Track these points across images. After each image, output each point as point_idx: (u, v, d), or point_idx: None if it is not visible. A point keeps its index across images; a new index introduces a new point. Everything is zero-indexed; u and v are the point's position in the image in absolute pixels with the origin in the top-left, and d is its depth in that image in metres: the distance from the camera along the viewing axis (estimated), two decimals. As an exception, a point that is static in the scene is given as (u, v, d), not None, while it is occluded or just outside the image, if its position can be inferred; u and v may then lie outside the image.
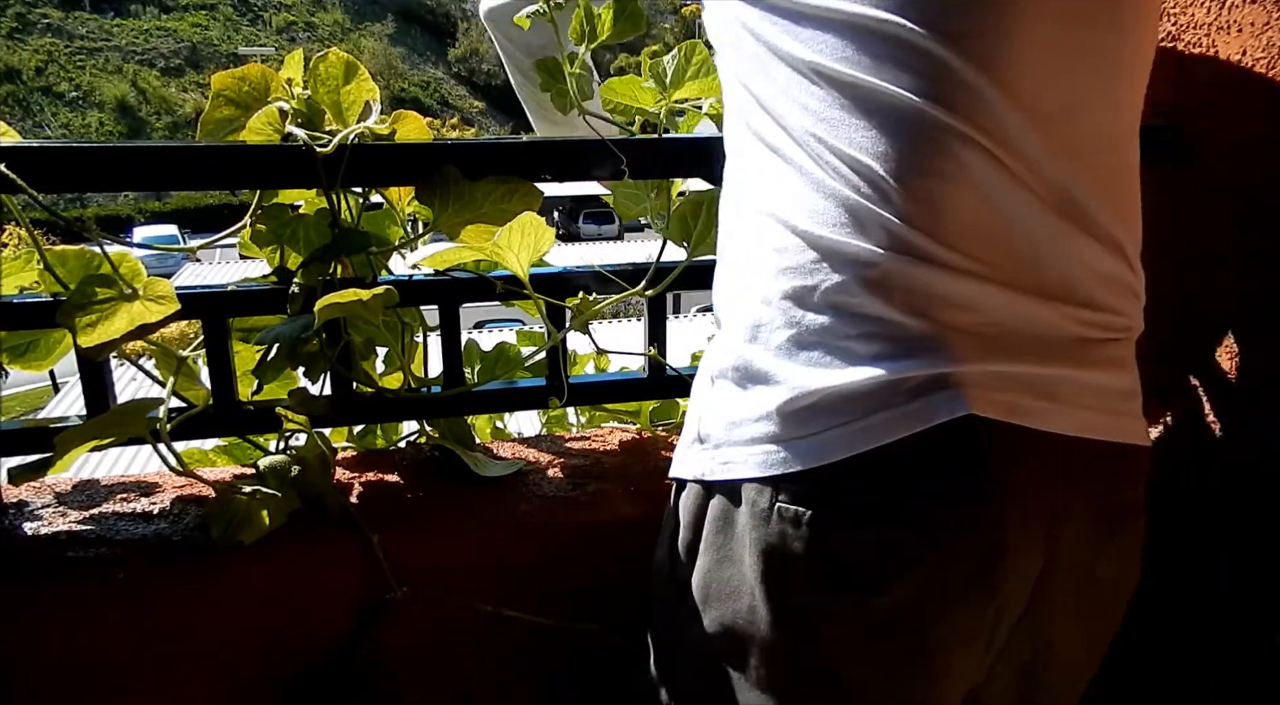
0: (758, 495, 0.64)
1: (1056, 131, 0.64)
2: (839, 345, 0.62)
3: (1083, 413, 0.65)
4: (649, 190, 1.13)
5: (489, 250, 0.92)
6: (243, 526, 0.89)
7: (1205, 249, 1.00)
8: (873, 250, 0.61)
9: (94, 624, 0.90)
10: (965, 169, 0.61)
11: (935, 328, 0.61)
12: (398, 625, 0.97)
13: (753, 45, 0.68)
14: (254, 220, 0.98)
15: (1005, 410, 0.61)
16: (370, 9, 47.64)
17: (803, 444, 0.62)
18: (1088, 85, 0.65)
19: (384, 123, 0.95)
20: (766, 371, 0.64)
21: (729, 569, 0.67)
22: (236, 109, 0.95)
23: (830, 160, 0.62)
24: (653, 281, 1.05)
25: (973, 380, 0.61)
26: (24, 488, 1.01)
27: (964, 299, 0.61)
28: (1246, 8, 0.92)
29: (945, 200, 0.61)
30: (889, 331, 0.61)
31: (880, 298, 0.61)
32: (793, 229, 0.64)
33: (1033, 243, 0.63)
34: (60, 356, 0.99)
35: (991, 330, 0.62)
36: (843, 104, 0.62)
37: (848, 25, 0.62)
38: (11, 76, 34.17)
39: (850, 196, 0.62)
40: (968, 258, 0.61)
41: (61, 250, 0.91)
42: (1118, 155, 0.69)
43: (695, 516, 0.71)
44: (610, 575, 1.02)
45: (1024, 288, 0.62)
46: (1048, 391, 0.63)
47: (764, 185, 0.67)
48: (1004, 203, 0.62)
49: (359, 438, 1.18)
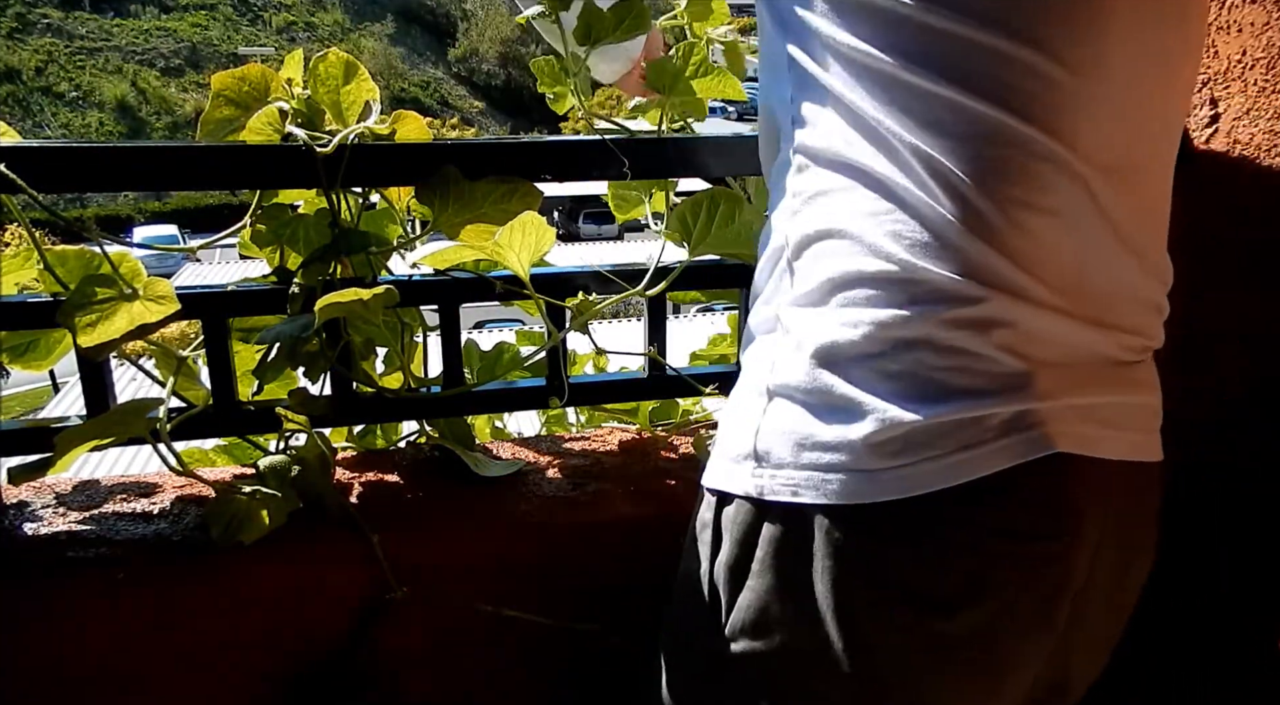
0: (833, 525, 0.62)
1: (1129, 162, 0.63)
2: (928, 377, 0.60)
3: (1131, 435, 0.66)
4: (648, 190, 1.13)
5: (490, 249, 0.92)
6: (243, 526, 0.89)
7: (1206, 249, 1.00)
8: (970, 284, 0.59)
9: (94, 624, 0.90)
10: (1062, 200, 0.60)
11: (1027, 364, 0.60)
12: (398, 625, 0.97)
13: (843, 55, 0.63)
14: (254, 220, 0.98)
15: (1082, 443, 0.62)
16: (370, 9, 47.63)
17: (888, 475, 0.60)
18: (1155, 114, 0.65)
19: (384, 123, 0.95)
20: (850, 398, 0.62)
21: (795, 594, 0.64)
22: (236, 109, 0.95)
23: (932, 182, 0.60)
24: (653, 281, 1.05)
25: (1055, 415, 0.61)
26: (24, 488, 1.01)
27: (1050, 334, 0.61)
28: (1246, 8, 0.92)
29: (1040, 232, 0.60)
30: (983, 366, 0.60)
31: (977, 334, 0.60)
32: (884, 255, 0.61)
33: (1104, 276, 0.63)
34: (60, 356, 0.99)
35: (1067, 362, 0.63)
36: (943, 123, 0.60)
37: (949, 37, 0.59)
38: (11, 76, 34.16)
39: (949, 222, 0.59)
40: (1054, 292, 0.61)
41: (61, 250, 0.91)
42: (1164, 177, 0.69)
43: (745, 534, 0.67)
44: (610, 575, 1.02)
45: (1090, 319, 0.63)
46: (1110, 419, 0.64)
47: (849, 202, 0.63)
48: (1089, 237, 0.61)
49: (359, 438, 1.18)
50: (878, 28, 0.61)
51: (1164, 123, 0.68)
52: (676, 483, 1.08)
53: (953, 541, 0.61)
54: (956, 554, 0.61)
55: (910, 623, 0.62)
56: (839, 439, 0.62)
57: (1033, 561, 0.62)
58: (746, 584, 0.67)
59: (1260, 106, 0.92)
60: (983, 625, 0.62)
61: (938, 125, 0.60)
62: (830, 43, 0.64)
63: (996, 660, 0.64)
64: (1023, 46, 0.59)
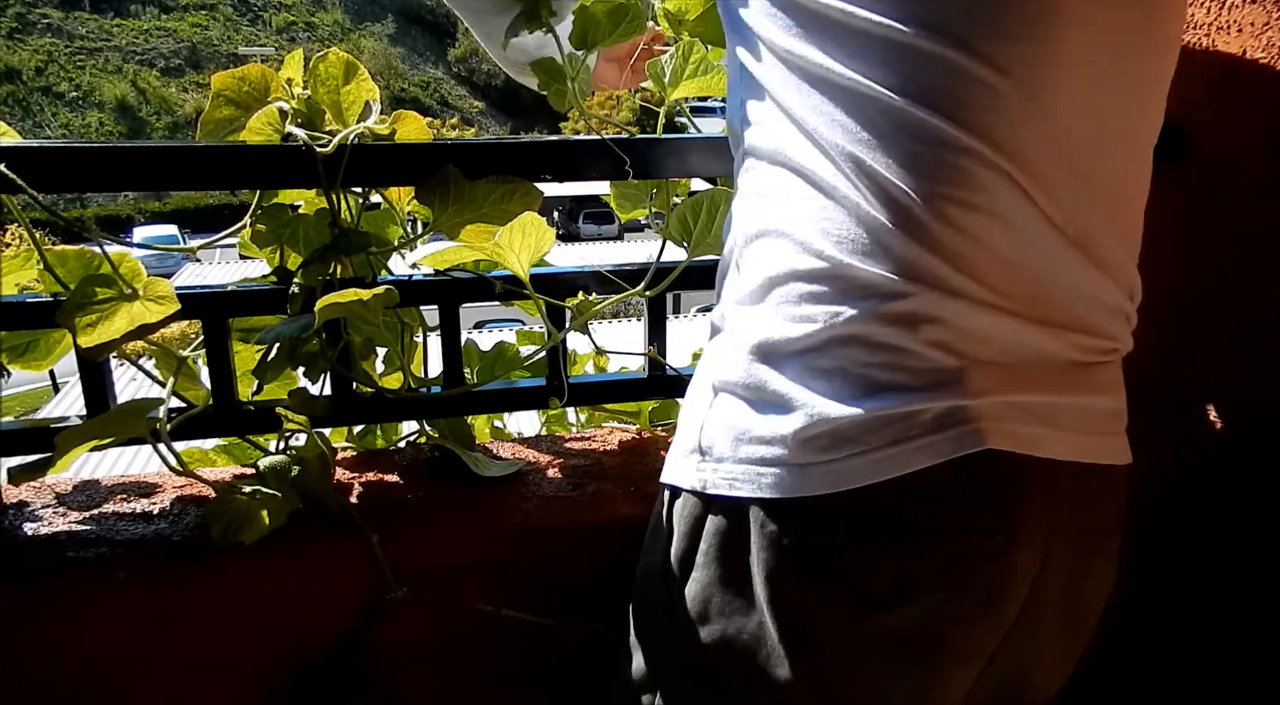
0: (768, 518, 0.64)
1: (1082, 160, 0.63)
2: (859, 373, 0.61)
3: (1079, 437, 0.65)
4: (649, 190, 1.13)
5: (490, 250, 0.92)
6: (243, 526, 0.89)
7: (1205, 250, 1.00)
8: (900, 282, 0.60)
9: (94, 624, 0.90)
10: (994, 200, 0.60)
11: (958, 361, 0.61)
12: (398, 625, 0.97)
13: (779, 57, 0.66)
14: (254, 220, 0.98)
15: (1017, 441, 0.62)
16: (370, 9, 47.63)
17: (818, 470, 0.62)
18: (1117, 112, 0.65)
19: (384, 123, 0.95)
20: (782, 394, 0.63)
21: (733, 586, 0.66)
22: (236, 109, 0.95)
23: (862, 183, 0.61)
24: (653, 281, 1.05)
25: (989, 412, 0.61)
26: (24, 488, 1.01)
27: (985, 332, 0.62)
28: (1246, 8, 0.92)
29: (974, 231, 0.60)
30: (912, 363, 0.61)
31: (906, 330, 0.60)
32: (816, 253, 0.62)
33: (1045, 274, 0.63)
34: (60, 356, 0.99)
35: (1005, 360, 0.63)
36: (875, 124, 0.61)
37: (882, 41, 0.60)
38: (11, 76, 34.17)
39: (880, 222, 0.60)
40: (990, 290, 0.61)
41: (61, 250, 0.91)
42: (1132, 183, 0.69)
43: (691, 527, 0.70)
44: (610, 575, 1.02)
45: (1033, 317, 0.63)
46: (1051, 418, 0.64)
47: (786, 202, 0.65)
48: (1026, 235, 0.62)
49: (359, 438, 1.19)
50: (810, 30, 0.63)
51: (1129, 123, 0.67)
52: (676, 483, 1.08)
53: (881, 536, 0.62)
54: (886, 549, 0.62)
55: (844, 615, 0.63)
56: (773, 433, 0.63)
57: (969, 557, 0.63)
58: (692, 576, 0.70)
59: (1260, 106, 0.92)
60: (919, 619, 0.63)
61: (869, 126, 0.61)
62: (768, 44, 0.65)
63: (936, 654, 0.65)
64: (950, 48, 0.59)
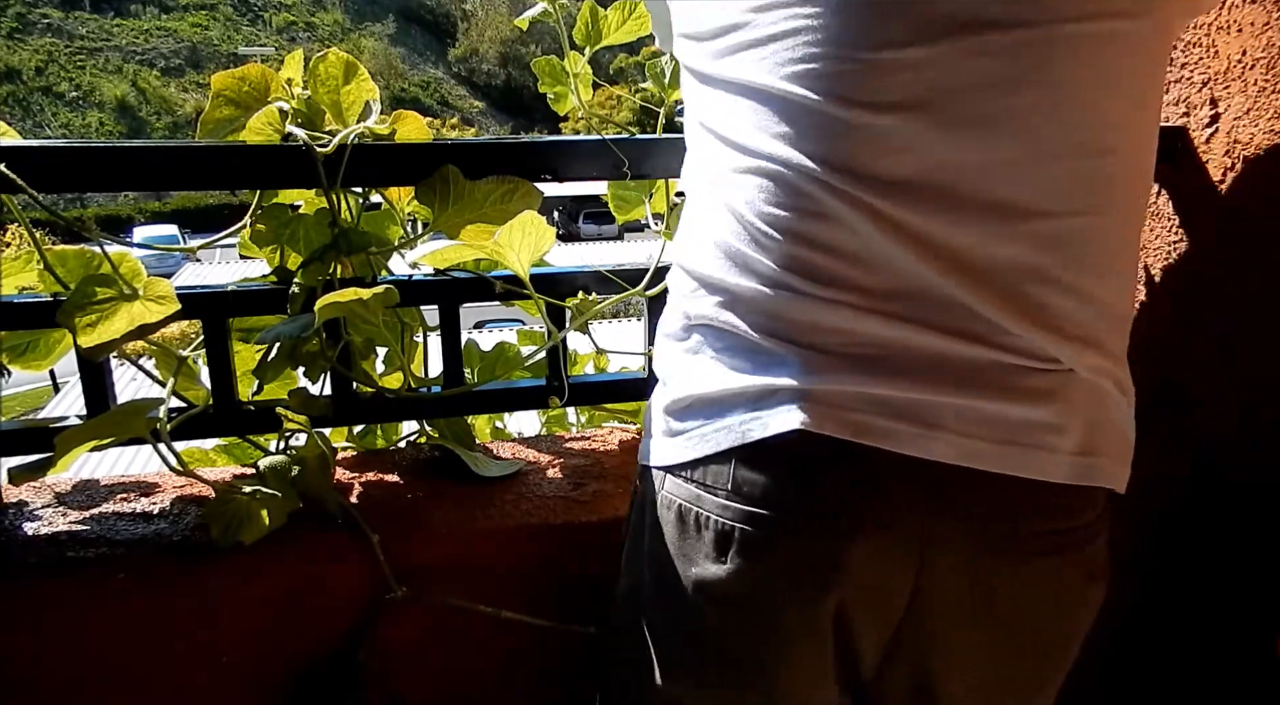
0: (654, 481, 0.73)
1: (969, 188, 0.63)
2: (712, 357, 0.69)
3: (968, 442, 0.64)
4: (646, 191, 1.13)
5: (490, 249, 0.92)
6: (243, 526, 0.89)
7: (1205, 252, 1.00)
8: (740, 283, 0.67)
9: (94, 624, 0.90)
10: (841, 220, 0.64)
11: (788, 347, 0.65)
12: (398, 625, 0.97)
13: (691, 91, 0.76)
14: (254, 220, 0.98)
15: (852, 429, 0.64)
16: (370, 9, 47.63)
17: (676, 441, 0.71)
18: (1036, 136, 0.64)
19: (384, 123, 0.95)
20: (666, 373, 0.74)
21: (637, 543, 0.76)
22: (236, 109, 0.95)
23: (720, 209, 0.69)
24: (653, 281, 1.05)
25: (822, 397, 0.64)
26: (24, 488, 1.01)
27: (832, 324, 0.65)
28: (1246, 8, 0.92)
29: (819, 242, 0.65)
30: (746, 346, 0.67)
31: (741, 317, 0.68)
32: (687, 269, 0.72)
33: (915, 281, 0.64)
34: (60, 356, 0.99)
35: (869, 352, 0.64)
36: (734, 159, 0.68)
37: (749, 90, 0.67)
38: (11, 76, 34.17)
39: (733, 245, 0.68)
40: (840, 290, 0.64)
41: (61, 250, 0.91)
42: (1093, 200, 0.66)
43: (632, 496, 0.80)
44: (610, 575, 1.02)
45: (900, 316, 0.64)
46: (926, 417, 0.64)
47: (685, 222, 0.76)
48: (882, 246, 0.64)
49: (359, 438, 1.19)
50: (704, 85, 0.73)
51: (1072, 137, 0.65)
52: (676, 483, 1.08)
53: (714, 503, 0.68)
54: (717, 513, 0.68)
55: (687, 566, 0.70)
56: (659, 408, 0.74)
57: (793, 534, 0.66)
58: (628, 535, 0.81)
59: (1260, 106, 0.92)
60: (741, 578, 0.67)
61: (727, 160, 0.69)
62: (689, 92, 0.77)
63: (760, 620, 0.69)
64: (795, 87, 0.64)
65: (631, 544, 0.79)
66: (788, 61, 0.65)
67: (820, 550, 0.65)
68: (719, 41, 0.69)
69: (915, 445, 0.64)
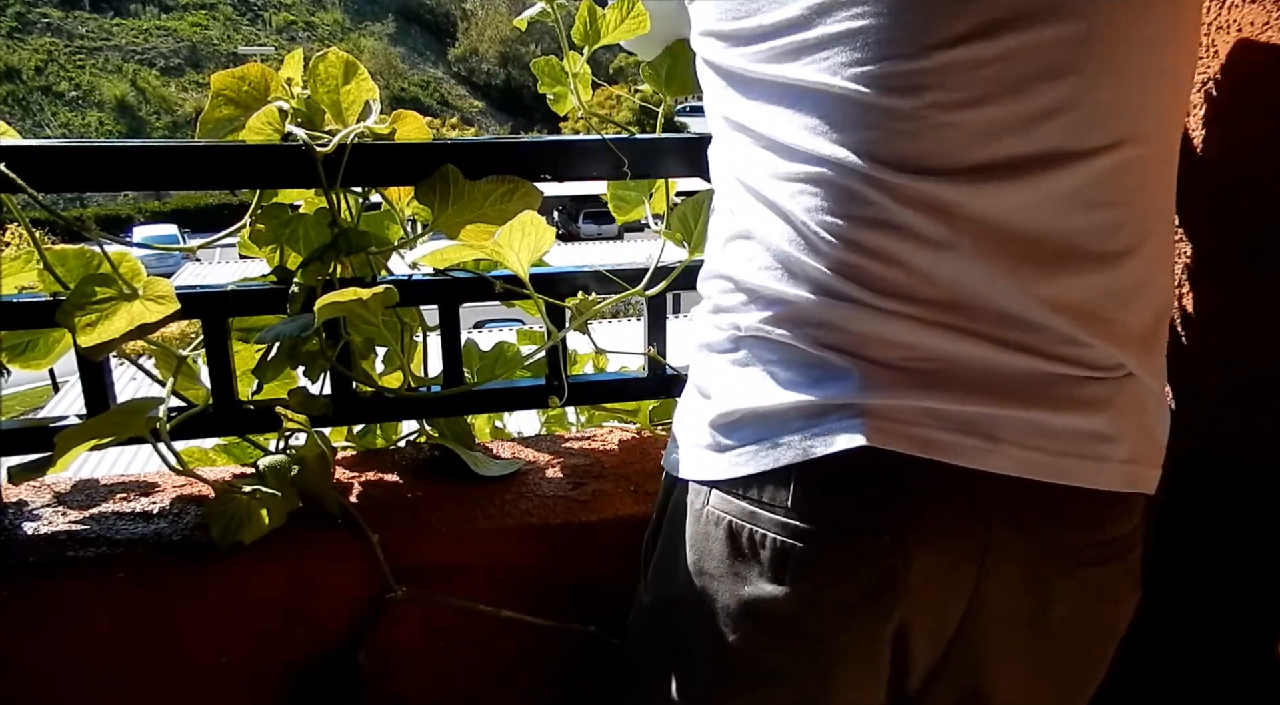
0: (694, 495, 0.71)
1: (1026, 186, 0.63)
2: (764, 370, 0.67)
3: (1027, 454, 0.64)
4: (645, 191, 1.13)
5: (490, 249, 0.92)
6: (243, 526, 0.89)
7: (1207, 251, 1.00)
8: (798, 293, 0.65)
9: (93, 623, 0.90)
10: (904, 226, 0.63)
11: (850, 361, 0.64)
12: (398, 625, 0.97)
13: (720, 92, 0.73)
14: (254, 220, 0.98)
15: (918, 445, 0.63)
16: (370, 9, 47.63)
17: (725, 456, 0.68)
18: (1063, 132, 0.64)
19: (383, 122, 0.95)
20: (709, 386, 0.72)
21: (672, 557, 0.74)
22: (236, 108, 0.95)
23: (768, 216, 0.67)
24: (652, 281, 1.05)
25: (886, 413, 0.63)
26: (24, 487, 1.01)
27: (892, 336, 0.64)
28: (1246, 8, 0.92)
29: (879, 250, 0.63)
30: (802, 359, 0.65)
31: (796, 329, 0.66)
32: (734, 279, 0.70)
33: (976, 289, 0.63)
34: (59, 356, 0.99)
35: (929, 366, 0.64)
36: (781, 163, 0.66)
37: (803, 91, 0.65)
38: (11, 76, 34.16)
39: (786, 252, 0.66)
40: (900, 302, 0.63)
41: (61, 249, 0.91)
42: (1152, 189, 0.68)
43: (660, 505, 0.78)
44: (610, 575, 1.02)
45: (958, 327, 0.63)
46: (987, 431, 0.64)
47: (721, 228, 0.74)
48: (944, 258, 0.63)
49: (359, 438, 1.18)
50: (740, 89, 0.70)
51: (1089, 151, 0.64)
52: (676, 482, 1.08)
53: (768, 520, 0.66)
54: (772, 530, 0.66)
55: (738, 586, 0.68)
56: (702, 422, 0.71)
57: (851, 552, 0.65)
58: (655, 550, 0.78)
59: (1260, 106, 0.92)
60: (797, 597, 0.66)
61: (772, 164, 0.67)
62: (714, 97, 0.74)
63: (814, 633, 0.67)
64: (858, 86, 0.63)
65: (662, 557, 0.76)
66: (852, 62, 0.63)
67: (886, 569, 0.64)
68: (769, 43, 0.67)
69: (977, 459, 0.63)
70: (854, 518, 0.64)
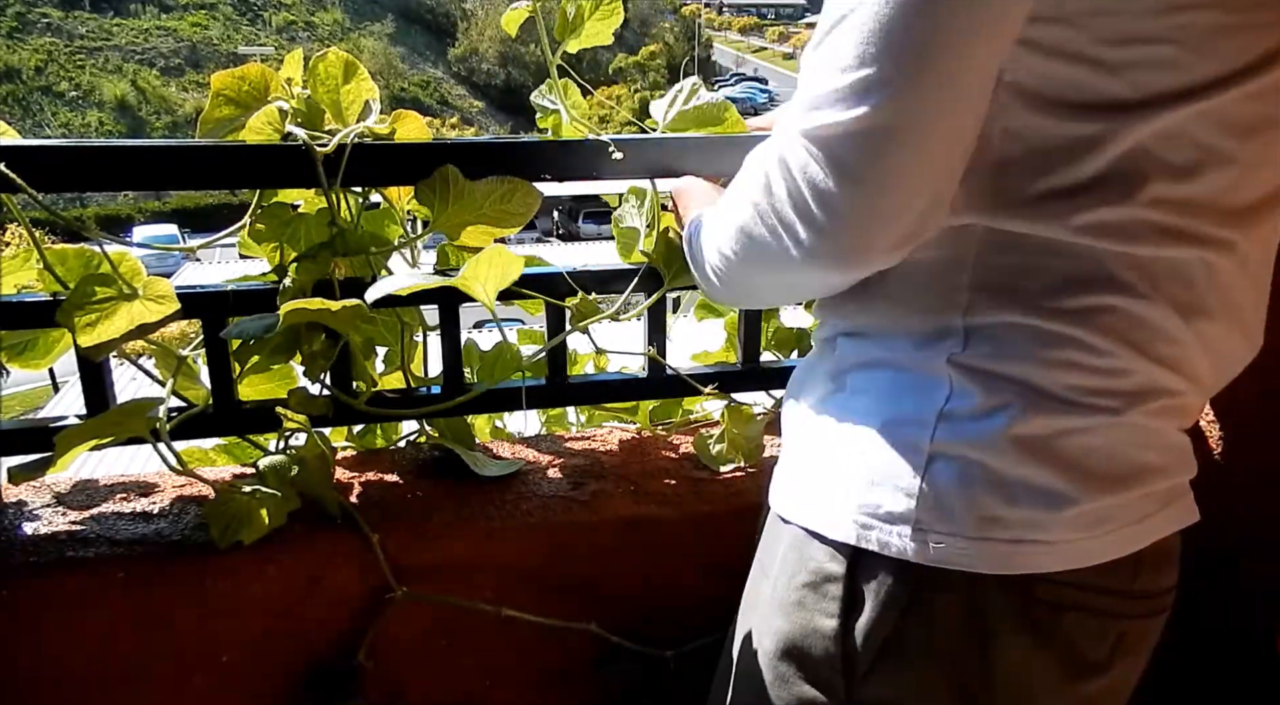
0: (1000, 592, 0.62)
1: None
2: (1123, 455, 0.64)
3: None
4: (650, 215, 1.10)
5: (456, 282, 0.89)
6: (242, 526, 0.89)
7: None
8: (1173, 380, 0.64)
9: (93, 623, 0.90)
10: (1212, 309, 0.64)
11: (1186, 440, 0.69)
12: (398, 625, 0.97)
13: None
14: (254, 220, 0.98)
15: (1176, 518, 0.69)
16: (370, 9, 47.63)
17: (1075, 547, 0.62)
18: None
19: (383, 122, 0.95)
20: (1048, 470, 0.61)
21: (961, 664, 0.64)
22: (236, 108, 0.95)
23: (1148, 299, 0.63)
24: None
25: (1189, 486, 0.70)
26: (24, 487, 1.01)
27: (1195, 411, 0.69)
28: (1246, 8, 0.91)
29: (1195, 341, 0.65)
30: (1168, 444, 0.67)
31: (1167, 420, 0.66)
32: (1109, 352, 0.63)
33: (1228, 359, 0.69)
34: (59, 355, 0.99)
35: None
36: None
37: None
38: (11, 76, 34.16)
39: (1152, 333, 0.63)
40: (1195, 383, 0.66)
41: (61, 249, 0.91)
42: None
43: (896, 599, 0.64)
44: (610, 575, 1.02)
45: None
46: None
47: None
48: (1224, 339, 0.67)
49: (359, 438, 1.18)
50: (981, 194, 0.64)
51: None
52: (676, 482, 1.08)
53: (1111, 607, 0.66)
54: (1114, 617, 0.66)
55: (1060, 682, 0.66)
56: (1028, 510, 0.61)
57: (1151, 618, 0.69)
58: (901, 652, 0.64)
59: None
60: (1114, 681, 0.68)
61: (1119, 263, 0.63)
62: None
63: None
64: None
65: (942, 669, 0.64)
66: None
67: (1159, 626, 0.71)
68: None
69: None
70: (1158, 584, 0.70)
